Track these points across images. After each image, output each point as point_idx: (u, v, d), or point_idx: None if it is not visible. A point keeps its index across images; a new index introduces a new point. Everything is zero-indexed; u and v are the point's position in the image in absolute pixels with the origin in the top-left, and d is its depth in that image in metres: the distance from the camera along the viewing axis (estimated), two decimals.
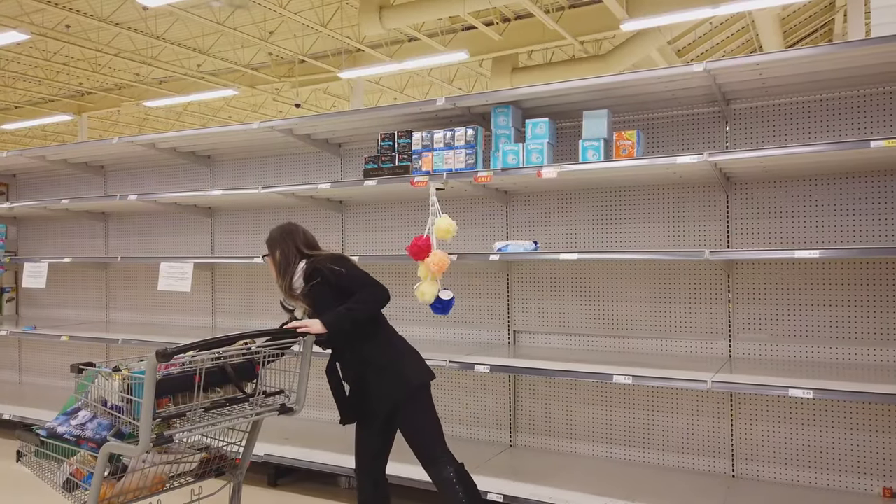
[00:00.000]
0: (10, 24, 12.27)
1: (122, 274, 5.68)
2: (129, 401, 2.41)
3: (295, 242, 2.95)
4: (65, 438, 2.53)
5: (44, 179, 6.14)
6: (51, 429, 2.57)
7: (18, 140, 24.90)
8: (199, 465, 2.73)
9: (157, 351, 2.27)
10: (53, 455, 2.61)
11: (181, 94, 17.77)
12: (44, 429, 2.61)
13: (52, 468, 2.64)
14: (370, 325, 2.84)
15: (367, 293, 2.79)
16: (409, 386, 2.79)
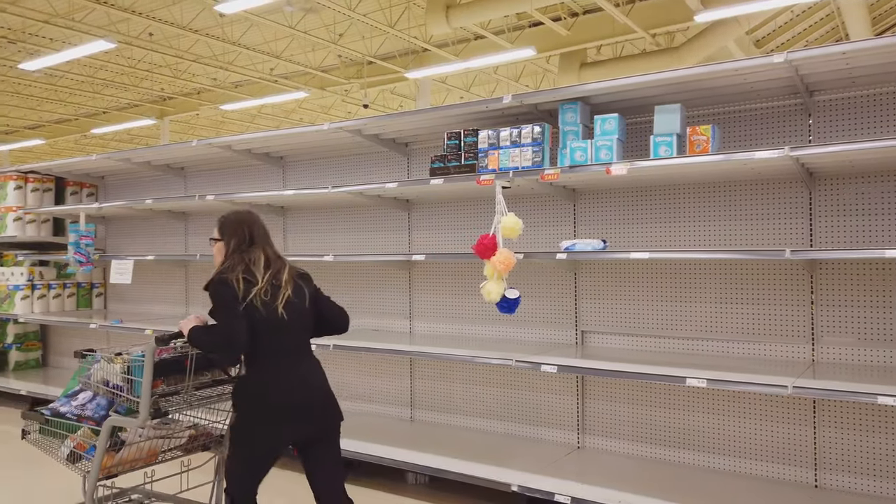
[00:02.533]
0: (98, 34, 13.01)
1: (201, 271, 5.92)
2: (129, 381, 2.77)
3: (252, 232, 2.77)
4: (67, 417, 2.89)
5: (129, 181, 6.47)
6: (54, 409, 2.93)
7: (106, 144, 26.37)
8: (187, 441, 3.05)
9: (155, 336, 2.67)
10: (57, 432, 2.93)
11: (255, 97, 18.39)
12: (48, 409, 2.96)
13: (55, 444, 2.95)
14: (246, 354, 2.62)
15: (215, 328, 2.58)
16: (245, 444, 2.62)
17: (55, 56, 13.47)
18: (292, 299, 2.65)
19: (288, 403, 2.56)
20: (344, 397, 4.93)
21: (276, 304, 2.59)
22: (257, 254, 2.68)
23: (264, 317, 2.55)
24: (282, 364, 2.60)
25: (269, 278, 2.63)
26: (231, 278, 2.57)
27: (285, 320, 2.59)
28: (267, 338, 2.56)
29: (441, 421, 4.52)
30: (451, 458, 3.77)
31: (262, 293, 2.57)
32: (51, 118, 22.86)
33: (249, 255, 2.67)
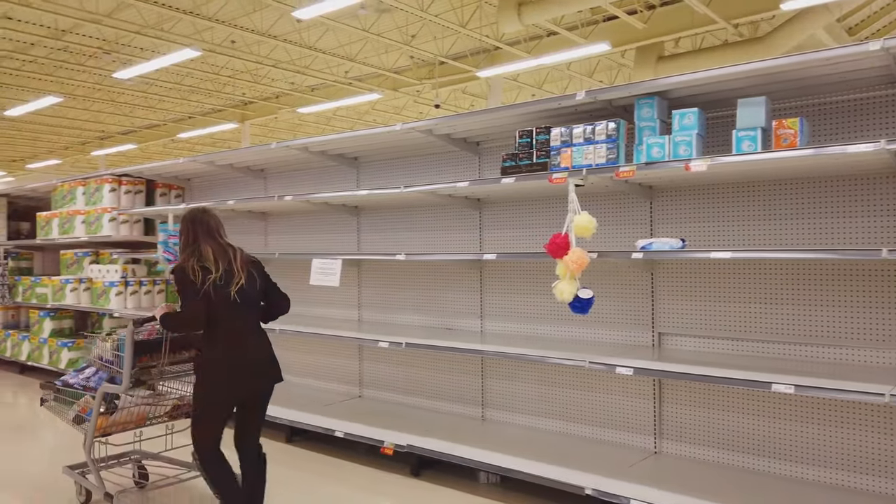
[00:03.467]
0: (184, 43, 13.66)
1: (280, 269, 6.12)
2: (117, 356, 3.39)
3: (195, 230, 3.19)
4: (74, 388, 3.65)
5: (213, 182, 6.76)
6: (65, 381, 3.74)
7: (192, 147, 27.67)
8: (171, 409, 3.71)
9: (132, 320, 3.39)
10: (67, 399, 3.67)
11: (331, 99, 18.86)
12: (60, 381, 3.75)
13: (65, 409, 3.66)
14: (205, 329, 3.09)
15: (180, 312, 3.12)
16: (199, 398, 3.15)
17: (146, 65, 14.25)
18: (244, 286, 3.13)
19: (238, 366, 3.07)
20: (416, 394, 4.98)
21: (229, 288, 3.07)
22: (204, 248, 3.13)
23: (219, 299, 3.04)
24: (234, 337, 3.09)
25: (224, 267, 3.10)
26: (188, 268, 3.04)
27: (238, 302, 3.09)
28: (221, 316, 3.05)
29: (512, 421, 4.50)
30: (523, 458, 3.74)
31: (217, 279, 3.05)
32: (142, 124, 24.20)
33: (198, 249, 3.13)
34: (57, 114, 21.49)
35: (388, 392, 5.19)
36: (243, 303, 3.12)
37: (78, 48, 15.45)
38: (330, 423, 4.56)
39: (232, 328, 3.08)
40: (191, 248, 3.15)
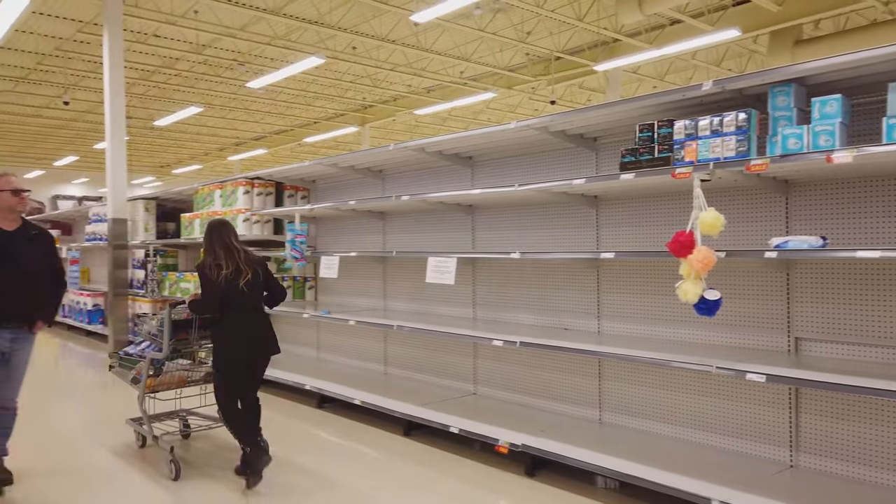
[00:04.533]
0: (309, 51, 14.37)
1: (397, 266, 6.29)
2: (160, 331, 4.38)
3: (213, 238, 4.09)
4: (133, 356, 4.70)
5: (336, 184, 7.06)
6: (126, 352, 4.81)
7: (316, 151, 29.08)
8: (205, 375, 4.65)
9: (169, 303, 4.43)
10: (128, 365, 4.69)
11: (446, 100, 19.13)
12: (122, 351, 4.85)
13: (126, 373, 4.67)
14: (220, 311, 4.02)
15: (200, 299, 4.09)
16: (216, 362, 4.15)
17: (275, 74, 15.14)
18: (250, 279, 4.04)
19: (243, 340, 4.01)
20: (530, 393, 4.94)
21: (238, 281, 3.99)
22: (218, 251, 4.04)
23: (230, 289, 3.97)
24: (240, 317, 4.02)
25: (234, 265, 4.00)
26: (206, 266, 4.01)
27: (245, 291, 4.02)
28: (232, 302, 3.99)
29: (631, 425, 4.34)
30: (644, 464, 3.60)
31: (228, 275, 3.97)
32: (271, 130, 25.75)
33: (213, 252, 4.04)
34: (198, 122, 23.36)
35: (502, 390, 5.19)
36: (250, 292, 4.05)
37: (216, 61, 16.69)
38: (445, 419, 4.62)
39: (239, 311, 4.02)
40: (209, 251, 4.07)
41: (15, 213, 4.01)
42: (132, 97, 19.25)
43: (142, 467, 4.38)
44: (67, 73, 17.40)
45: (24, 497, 3.88)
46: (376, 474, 4.19)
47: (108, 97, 8.99)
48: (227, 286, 3.94)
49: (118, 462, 4.49)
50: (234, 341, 3.99)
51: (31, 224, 4.17)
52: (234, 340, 3.99)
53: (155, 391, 4.48)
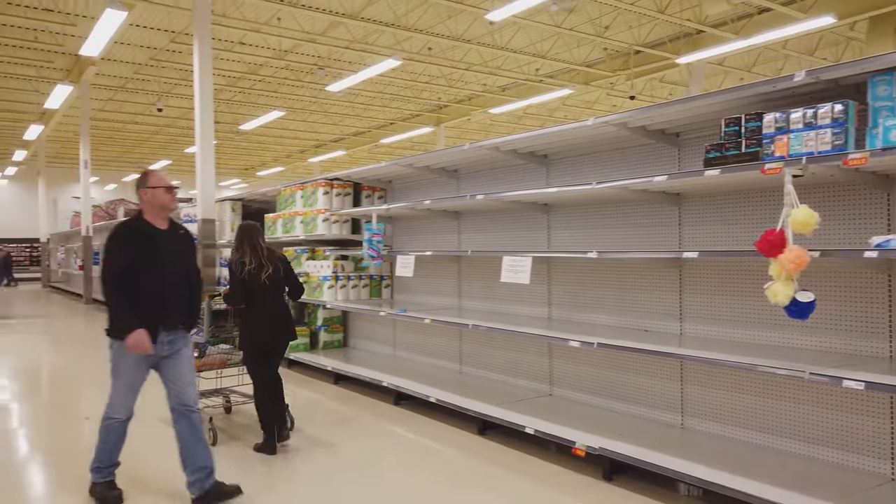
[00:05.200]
0: (386, 53, 14.61)
1: (472, 265, 6.30)
2: (202, 319, 4.92)
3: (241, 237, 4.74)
4: None
5: (411, 184, 7.14)
6: None
7: (392, 151, 29.54)
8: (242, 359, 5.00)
9: (208, 294, 4.96)
10: None
11: (521, 98, 19.00)
12: None
13: None
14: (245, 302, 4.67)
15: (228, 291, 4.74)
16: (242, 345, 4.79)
17: (353, 77, 15.49)
18: (271, 273, 4.64)
19: (264, 326, 4.63)
20: (608, 395, 4.83)
21: (260, 274, 4.60)
22: (245, 248, 4.66)
23: (254, 283, 4.59)
24: (262, 306, 4.62)
25: (256, 262, 4.60)
26: (233, 263, 4.64)
27: (266, 284, 4.61)
28: (255, 294, 4.60)
29: (716, 431, 4.17)
30: (729, 473, 3.45)
31: (251, 270, 4.58)
32: (349, 131, 26.34)
33: (240, 250, 4.67)
34: (280, 126, 24.19)
35: (579, 392, 5.10)
36: (271, 285, 4.65)
37: (297, 66, 17.23)
38: (521, 419, 4.59)
39: (261, 302, 4.62)
40: (237, 249, 4.71)
41: (167, 211, 3.82)
42: (220, 103, 20.15)
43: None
44: (161, 81, 18.41)
45: (73, 438, 4.14)
46: (451, 472, 4.21)
47: (198, 103, 9.44)
48: (251, 279, 4.58)
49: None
50: (256, 327, 4.62)
51: (176, 222, 3.99)
52: (256, 326, 4.62)
53: (200, 371, 5.00)
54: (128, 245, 3.63)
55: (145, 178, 3.78)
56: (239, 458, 4.48)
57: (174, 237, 3.84)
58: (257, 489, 3.89)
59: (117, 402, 3.68)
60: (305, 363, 7.35)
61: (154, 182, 3.75)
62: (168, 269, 3.71)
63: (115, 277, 3.55)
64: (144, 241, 3.66)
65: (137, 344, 3.50)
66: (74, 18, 13.58)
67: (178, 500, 3.73)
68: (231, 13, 13.29)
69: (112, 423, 3.69)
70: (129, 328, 3.50)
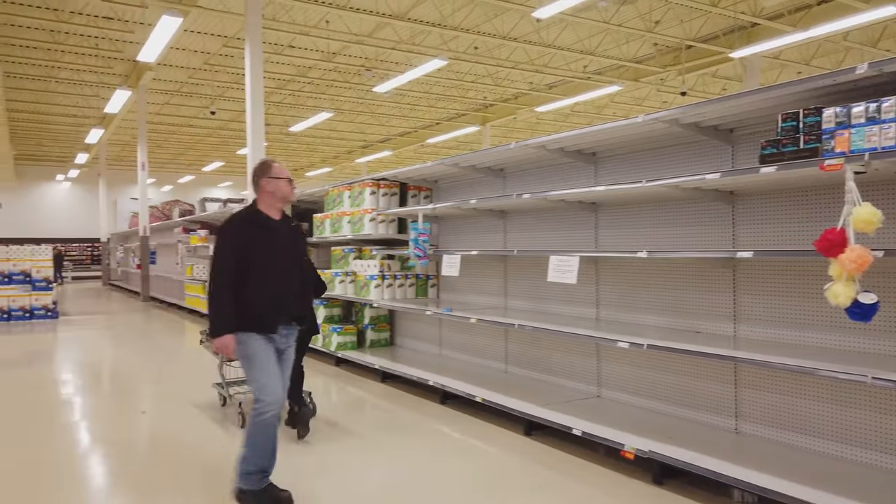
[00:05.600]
0: (433, 53, 14.66)
1: (518, 265, 6.26)
2: None
3: None
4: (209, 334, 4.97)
5: (457, 183, 7.14)
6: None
7: (438, 151, 29.64)
8: None
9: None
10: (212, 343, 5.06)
11: (568, 96, 18.80)
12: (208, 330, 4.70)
13: (209, 346, 5.61)
14: None
15: None
16: None
17: (400, 77, 15.60)
18: None
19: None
20: (658, 398, 4.73)
21: None
22: None
23: None
24: None
25: None
26: None
27: None
28: None
29: (772, 436, 4.03)
30: (787, 479, 3.34)
31: None
32: (396, 132, 26.55)
33: None
34: (328, 127, 24.55)
35: (628, 394, 5.01)
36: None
37: (345, 68, 17.46)
38: (568, 421, 4.54)
39: None
40: None
41: (286, 202, 3.73)
42: (270, 105, 20.59)
43: (218, 418, 5.50)
44: (214, 85, 18.92)
45: (130, 430, 4.27)
46: (497, 472, 4.20)
47: (250, 106, 9.66)
48: None
49: (201, 413, 5.59)
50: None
51: (287, 215, 3.86)
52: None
53: (230, 360, 5.21)
54: (242, 235, 3.52)
55: (267, 168, 3.67)
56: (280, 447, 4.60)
57: (288, 229, 3.76)
58: (301, 482, 3.96)
59: (266, 388, 3.43)
60: (352, 361, 7.44)
61: (277, 172, 3.65)
62: (284, 262, 3.62)
63: (225, 272, 3.44)
64: (262, 232, 3.56)
65: (222, 347, 3.47)
66: (133, 26, 14.08)
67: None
68: (281, 17, 13.56)
69: (264, 418, 3.41)
70: (223, 329, 3.44)
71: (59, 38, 14.82)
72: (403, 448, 4.70)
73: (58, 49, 15.57)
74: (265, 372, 3.49)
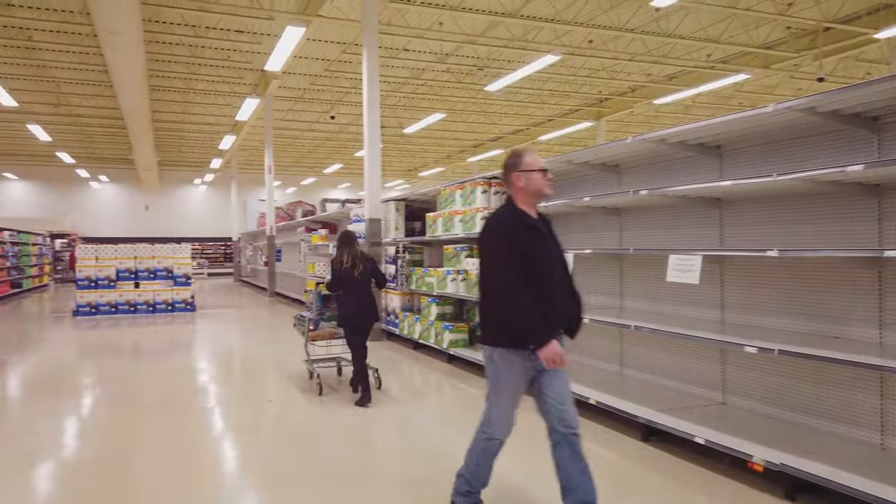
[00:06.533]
0: (545, 49, 14.47)
1: (634, 264, 6.04)
2: (313, 301, 6.71)
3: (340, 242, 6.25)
4: (303, 318, 6.81)
5: (568, 180, 7.00)
6: (301, 315, 6.95)
7: (550, 148, 29.25)
8: None
9: (317, 282, 6.84)
10: (300, 325, 6.91)
11: (690, 87, 17.91)
12: (299, 315, 6.98)
13: (300, 329, 6.92)
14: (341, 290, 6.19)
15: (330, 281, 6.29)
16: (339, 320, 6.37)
17: (512, 75, 15.53)
18: (362, 270, 6.07)
19: (354, 308, 6.06)
20: (790, 407, 4.40)
21: (353, 270, 6.03)
22: (343, 251, 6.13)
23: (347, 276, 6.03)
24: (352, 294, 6.07)
25: (349, 261, 6.04)
26: (334, 261, 6.15)
27: (357, 278, 6.04)
28: (348, 285, 6.05)
29: None
30: None
31: (346, 267, 6.03)
32: (507, 130, 26.49)
33: (340, 253, 6.14)
34: (441, 127, 24.91)
35: (756, 402, 4.69)
36: (360, 278, 6.07)
37: (457, 68, 17.64)
38: (690, 428, 4.31)
39: (352, 290, 6.07)
40: (339, 251, 6.17)
41: (542, 197, 3.31)
42: (385, 108, 21.20)
43: (303, 388, 6.64)
44: (333, 90, 19.75)
45: (258, 418, 4.50)
46: (614, 478, 4.06)
47: (366, 109, 9.99)
48: (345, 274, 6.05)
49: (289, 383, 6.93)
50: (349, 309, 6.11)
51: (541, 211, 3.46)
52: (349, 308, 6.10)
53: (314, 340, 6.62)
54: (514, 239, 3.09)
55: (519, 160, 3.24)
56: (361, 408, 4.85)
57: (548, 228, 3.34)
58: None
59: (499, 419, 3.19)
60: (465, 359, 7.49)
61: (528, 164, 3.22)
62: (553, 266, 3.21)
63: (511, 276, 3.01)
64: (532, 235, 3.16)
65: (553, 357, 2.98)
66: (261, 38, 14.98)
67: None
68: (396, 21, 13.91)
69: (493, 444, 3.24)
70: (542, 337, 2.98)
71: (197, 52, 16.05)
72: (516, 448, 4.66)
73: (196, 62, 16.86)
74: (508, 403, 3.17)
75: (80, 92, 19.60)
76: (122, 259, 14.31)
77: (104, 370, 7.82)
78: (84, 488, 4.02)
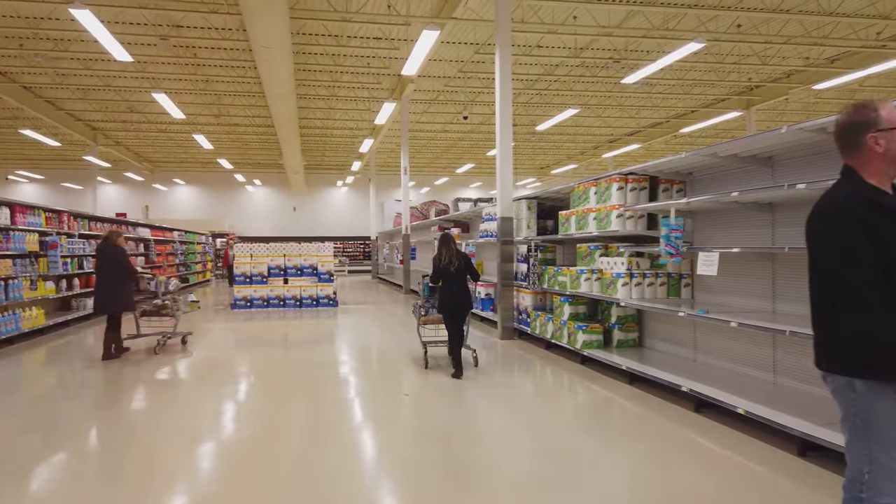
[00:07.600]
0: (688, 37, 13.71)
1: (789, 264, 5.56)
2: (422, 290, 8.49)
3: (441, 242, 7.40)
4: (416, 307, 8.25)
5: (714, 175, 6.57)
6: (414, 305, 8.34)
7: (693, 141, 27.72)
8: None
9: (423, 275, 8.70)
10: (415, 312, 8.22)
11: (855, 69, 16.23)
12: (414, 304, 8.31)
13: (415, 316, 8.32)
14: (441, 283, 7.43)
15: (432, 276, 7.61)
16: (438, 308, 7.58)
17: (651, 66, 14.88)
18: (457, 265, 7.24)
19: (450, 298, 7.27)
20: None
21: (450, 266, 7.23)
22: (442, 250, 7.29)
23: (445, 271, 7.27)
24: (451, 286, 7.28)
25: (447, 258, 7.23)
26: (434, 259, 7.37)
27: (454, 273, 7.24)
28: (446, 277, 7.27)
29: None
30: None
31: (445, 263, 7.26)
32: (646, 123, 25.44)
33: (440, 251, 7.30)
34: (574, 123, 24.43)
35: None
36: (456, 273, 7.23)
37: (592, 62, 17.20)
38: None
39: (449, 283, 7.26)
40: (438, 249, 7.29)
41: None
42: (518, 106, 21.14)
43: (415, 362, 8.00)
44: (467, 91, 20.00)
45: (397, 411, 4.60)
46: (768, 496, 3.76)
47: (499, 108, 10.00)
48: (444, 268, 7.24)
49: (407, 359, 8.32)
50: (446, 298, 7.28)
51: None
52: (446, 298, 7.28)
53: (425, 324, 7.90)
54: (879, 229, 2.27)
55: (875, 115, 2.35)
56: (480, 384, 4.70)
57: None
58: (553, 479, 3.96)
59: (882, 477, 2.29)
60: (598, 360, 7.29)
61: (892, 120, 2.33)
62: None
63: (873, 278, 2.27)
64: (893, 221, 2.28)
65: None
66: (398, 43, 15.50)
67: None
68: (529, 18, 13.81)
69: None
70: None
71: (339, 60, 16.91)
72: (653, 456, 4.45)
73: (338, 70, 17.78)
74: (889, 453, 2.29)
75: (237, 103, 21.36)
76: (272, 257, 15.42)
77: (258, 357, 8.46)
78: (242, 465, 4.35)
